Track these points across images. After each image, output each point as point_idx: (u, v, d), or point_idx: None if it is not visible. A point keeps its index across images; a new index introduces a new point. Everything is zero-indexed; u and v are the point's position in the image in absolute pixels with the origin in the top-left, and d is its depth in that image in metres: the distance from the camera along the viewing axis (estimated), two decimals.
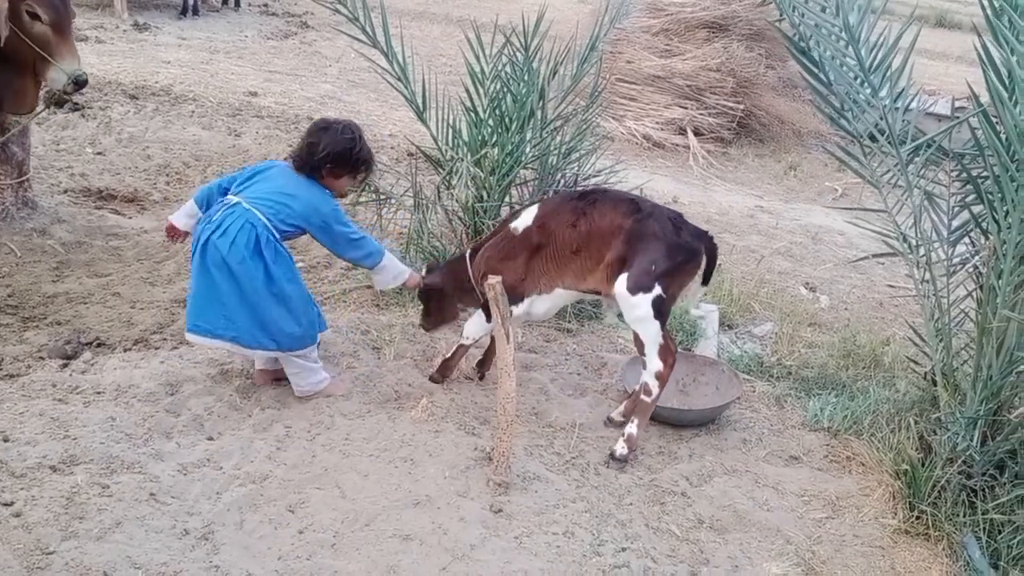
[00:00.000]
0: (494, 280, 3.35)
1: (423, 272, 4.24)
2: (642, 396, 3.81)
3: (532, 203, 4.16)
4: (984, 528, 3.44)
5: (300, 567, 2.96)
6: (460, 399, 4.12)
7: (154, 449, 3.46)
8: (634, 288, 3.64)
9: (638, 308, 3.66)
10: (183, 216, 3.92)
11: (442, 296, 4.19)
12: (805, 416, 4.33)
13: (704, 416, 4.17)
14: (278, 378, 4.03)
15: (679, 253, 3.70)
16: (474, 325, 4.14)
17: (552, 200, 4.04)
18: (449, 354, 4.22)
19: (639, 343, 3.80)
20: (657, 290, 3.64)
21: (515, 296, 3.89)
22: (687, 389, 4.39)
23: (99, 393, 3.77)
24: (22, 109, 4.83)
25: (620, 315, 3.93)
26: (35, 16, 4.29)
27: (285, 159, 3.92)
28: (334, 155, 3.74)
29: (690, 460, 3.90)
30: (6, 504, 3.03)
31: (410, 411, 3.94)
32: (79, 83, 4.47)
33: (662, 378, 3.76)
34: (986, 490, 3.54)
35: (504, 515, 3.34)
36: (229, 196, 3.74)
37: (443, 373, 4.22)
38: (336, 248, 3.85)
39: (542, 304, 3.99)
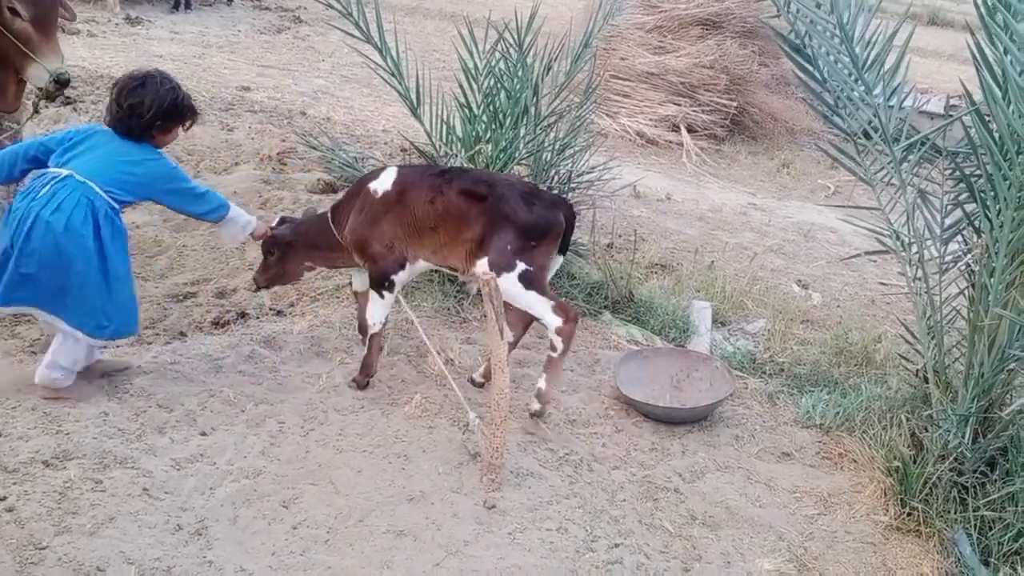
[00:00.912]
0: (488, 276, 3.36)
1: (274, 224, 4.09)
2: (549, 353, 3.90)
3: (390, 166, 4.07)
4: (975, 525, 3.45)
5: (294, 562, 2.96)
6: (454, 395, 4.11)
7: (147, 444, 3.45)
8: (497, 270, 3.74)
9: (508, 288, 3.76)
10: None
11: (289, 251, 4.08)
12: (797, 413, 4.35)
13: (696, 414, 4.18)
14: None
15: (534, 230, 3.78)
16: (375, 309, 4.00)
17: (413, 169, 4.07)
18: (366, 350, 4.09)
19: (529, 316, 3.94)
20: (520, 266, 3.76)
21: (394, 262, 3.90)
22: (681, 385, 4.40)
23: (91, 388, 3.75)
24: (2, 106, 4.72)
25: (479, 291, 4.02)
26: (15, 12, 4.19)
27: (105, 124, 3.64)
28: (162, 110, 3.53)
29: (683, 456, 3.91)
30: None
31: (404, 407, 3.94)
32: (61, 82, 4.34)
33: (564, 333, 3.82)
34: (977, 487, 3.56)
35: (498, 511, 3.35)
36: (55, 168, 3.49)
37: (366, 373, 4.08)
38: (183, 207, 3.68)
39: (409, 273, 4.03)
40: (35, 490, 3.09)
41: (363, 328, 4.14)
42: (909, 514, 3.57)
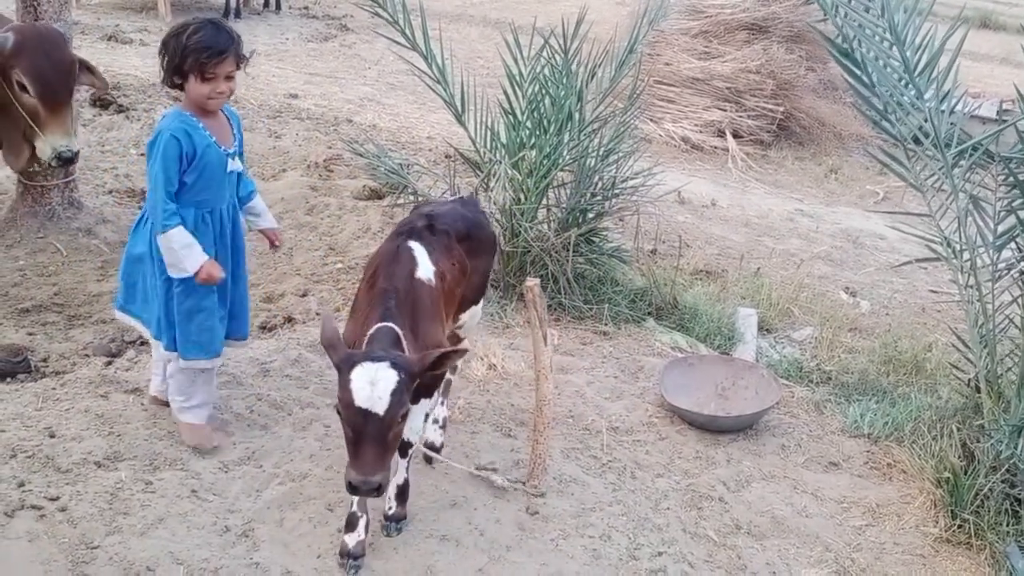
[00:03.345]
0: (532, 283, 3.34)
1: None
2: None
3: (403, 244, 3.14)
4: None
5: (338, 565, 2.99)
6: (497, 401, 4.13)
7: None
8: (485, 300, 3.71)
9: (479, 313, 3.72)
10: None
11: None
12: (845, 422, 4.29)
13: (741, 423, 4.14)
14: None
15: (496, 244, 3.84)
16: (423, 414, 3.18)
17: (422, 232, 3.22)
18: (404, 473, 3.19)
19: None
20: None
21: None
22: (726, 393, 4.36)
23: (142, 391, 3.82)
24: (14, 165, 4.73)
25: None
26: (24, 87, 4.20)
27: None
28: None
29: (728, 465, 3.88)
30: (52, 499, 3.08)
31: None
32: (62, 159, 4.25)
33: None
34: None
35: (540, 517, 3.35)
36: None
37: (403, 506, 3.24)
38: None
39: None
40: (87, 490, 3.15)
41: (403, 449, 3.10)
42: (960, 526, 3.50)
